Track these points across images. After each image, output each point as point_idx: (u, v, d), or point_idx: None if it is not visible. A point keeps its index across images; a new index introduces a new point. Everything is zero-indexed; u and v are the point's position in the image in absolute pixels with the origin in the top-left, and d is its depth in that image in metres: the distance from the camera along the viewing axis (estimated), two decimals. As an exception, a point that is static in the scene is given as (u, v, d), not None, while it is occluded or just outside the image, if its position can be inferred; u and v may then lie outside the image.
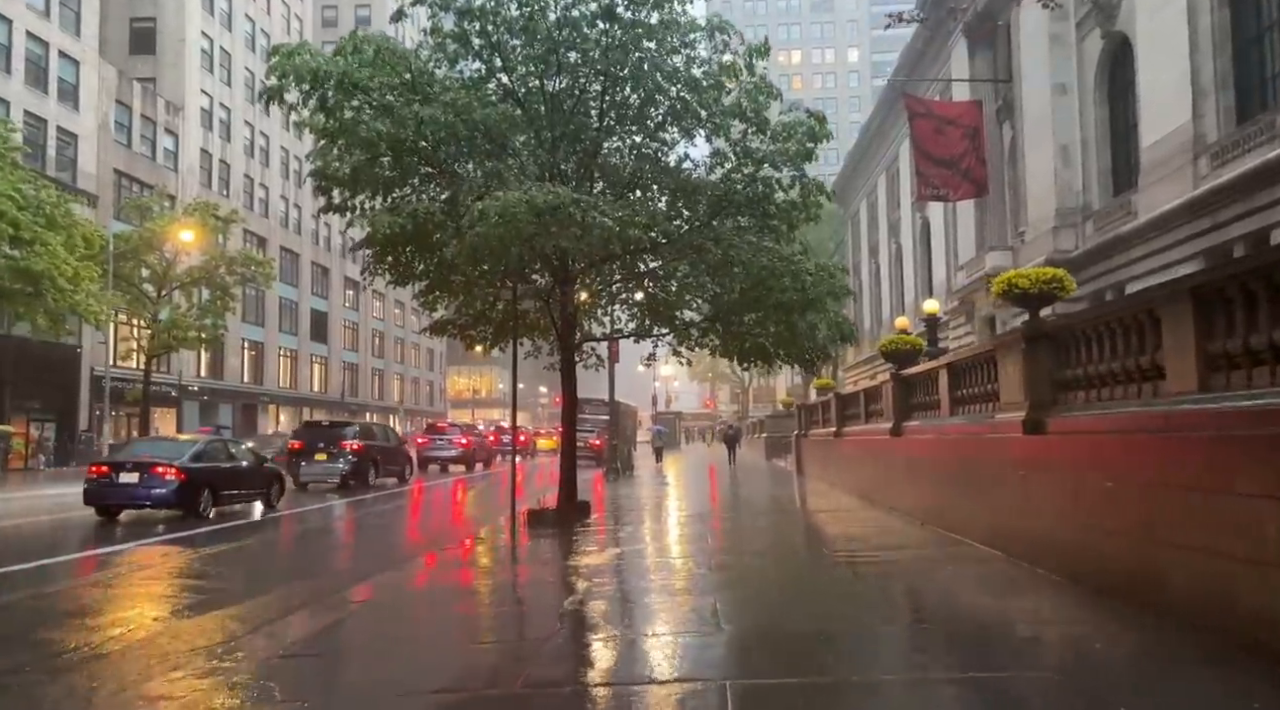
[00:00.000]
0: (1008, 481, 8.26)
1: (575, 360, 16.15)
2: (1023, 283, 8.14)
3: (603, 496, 19.00)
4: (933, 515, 10.83)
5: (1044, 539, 7.46)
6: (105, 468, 14.76)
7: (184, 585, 8.86)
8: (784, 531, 12.07)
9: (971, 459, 9.39)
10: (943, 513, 10.44)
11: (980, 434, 9.08)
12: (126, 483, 14.21)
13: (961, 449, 9.81)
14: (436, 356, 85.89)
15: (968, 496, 9.50)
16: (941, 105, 30.44)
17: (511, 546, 11.08)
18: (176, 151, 45.55)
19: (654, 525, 13.06)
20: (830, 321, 14.46)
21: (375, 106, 11.81)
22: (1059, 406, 7.65)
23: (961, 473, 9.70)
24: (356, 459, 21.73)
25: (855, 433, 16.71)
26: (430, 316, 16.90)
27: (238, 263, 32.77)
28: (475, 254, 10.87)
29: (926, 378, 11.98)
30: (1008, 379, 8.45)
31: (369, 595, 8.00)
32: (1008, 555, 8.16)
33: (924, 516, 11.26)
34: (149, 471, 14.23)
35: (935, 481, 10.83)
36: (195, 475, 14.63)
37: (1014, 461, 8.08)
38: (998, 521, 8.54)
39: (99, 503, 14.52)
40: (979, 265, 29.78)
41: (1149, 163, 20.57)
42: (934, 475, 10.93)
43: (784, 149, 13.06)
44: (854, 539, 10.72)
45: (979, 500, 9.10)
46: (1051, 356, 7.77)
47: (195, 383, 46.29)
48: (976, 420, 9.49)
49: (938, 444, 10.94)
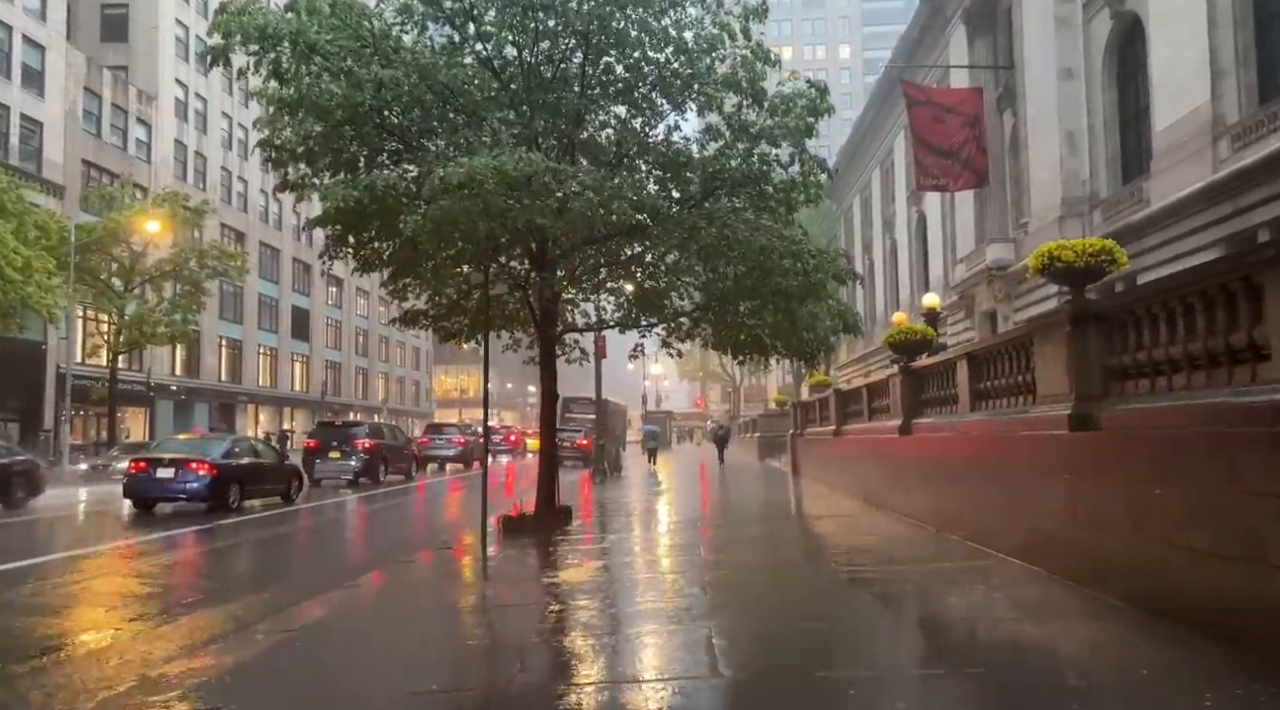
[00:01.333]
0: (1048, 487, 7.12)
1: (556, 353, 15.04)
2: (1066, 255, 7.00)
3: (588, 500, 17.81)
4: (950, 522, 9.70)
5: (1097, 555, 6.31)
6: (143, 463, 15.82)
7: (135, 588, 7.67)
8: (783, 541, 10.92)
9: (1000, 460, 8.25)
10: (962, 520, 9.30)
11: (1011, 432, 7.94)
12: (163, 478, 15.32)
13: (986, 449, 8.68)
14: (423, 355, 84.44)
15: (995, 503, 8.36)
16: (941, 92, 29.40)
17: (482, 559, 9.89)
18: (149, 142, 44.05)
19: (640, 533, 11.88)
20: (832, 310, 13.34)
21: (333, 71, 10.61)
22: (1112, 398, 6.52)
23: (986, 476, 8.56)
24: (368, 457, 23.05)
25: (857, 431, 15.57)
26: (400, 307, 15.66)
27: (209, 256, 31.36)
28: (439, 230, 9.66)
29: (941, 370, 10.84)
30: (1046, 368, 7.32)
31: (315, 614, 6.89)
32: (1049, 572, 7.02)
33: (939, 523, 10.12)
34: (184, 467, 15.31)
35: (953, 485, 9.69)
36: (225, 471, 15.68)
37: (1056, 463, 6.95)
38: (1036, 533, 7.39)
39: (137, 496, 15.52)
40: (979, 258, 28.75)
41: (1163, 147, 19.53)
42: (951, 478, 9.79)
43: (782, 123, 11.94)
44: (862, 550, 9.58)
45: (1010, 508, 7.96)
46: (1103, 340, 6.64)
47: (169, 381, 44.81)
48: (1005, 416, 8.35)
49: (956, 443, 9.80)
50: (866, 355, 45.92)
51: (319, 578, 8.94)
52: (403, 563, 9.73)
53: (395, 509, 18.10)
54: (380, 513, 17.53)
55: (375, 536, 14.59)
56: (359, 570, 9.06)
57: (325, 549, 13.03)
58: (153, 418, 43.13)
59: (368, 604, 7.56)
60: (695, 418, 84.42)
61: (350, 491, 21.20)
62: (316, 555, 12.30)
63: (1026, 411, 7.75)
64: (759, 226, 10.89)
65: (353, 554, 12.19)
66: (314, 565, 11.08)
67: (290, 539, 13.90)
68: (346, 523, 16.36)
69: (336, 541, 14.03)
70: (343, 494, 20.57)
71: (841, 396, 17.60)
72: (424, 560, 10.02)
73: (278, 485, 17.56)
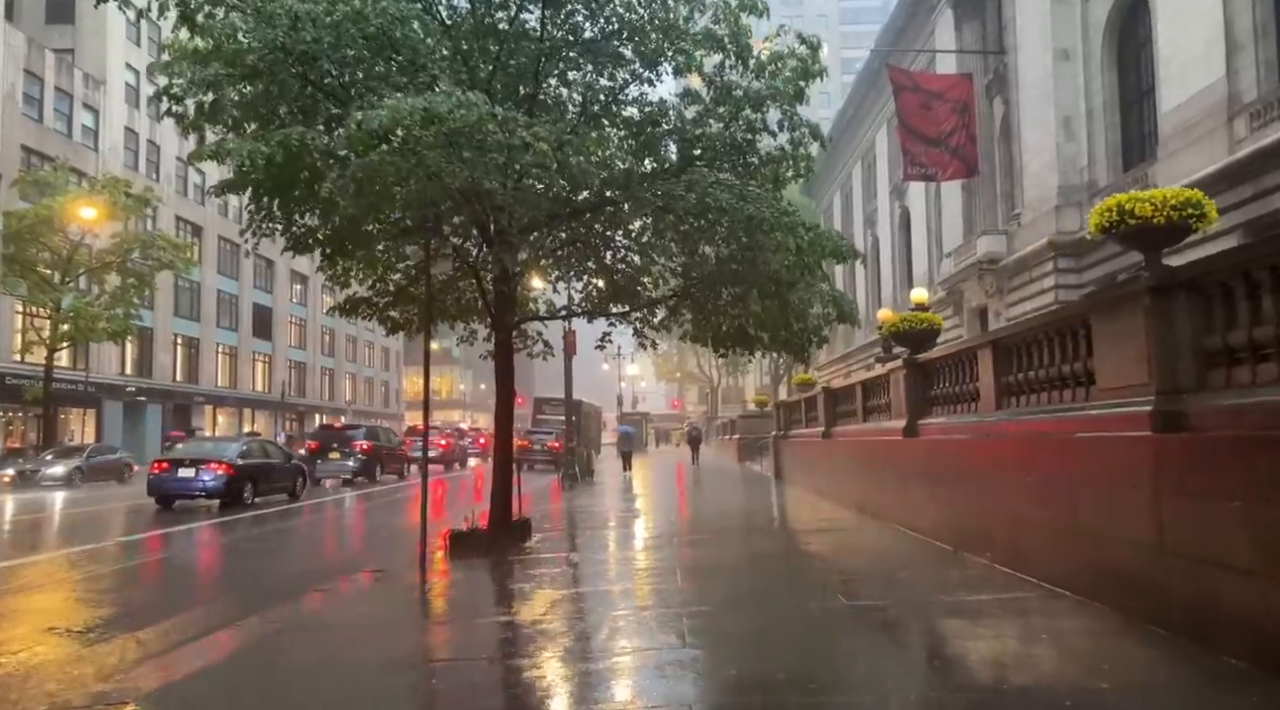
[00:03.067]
0: (1116, 502, 5.62)
1: (516, 346, 13.44)
2: (1142, 209, 5.52)
3: (554, 510, 16.18)
4: (972, 541, 8.20)
5: (1200, 597, 4.81)
6: (166, 464, 17.22)
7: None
8: (772, 562, 9.34)
9: (1042, 468, 6.76)
10: (989, 539, 7.81)
11: (1063, 433, 6.44)
12: (185, 477, 16.59)
13: (1022, 454, 7.18)
14: (393, 355, 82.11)
15: (1035, 521, 6.86)
16: (928, 78, 28.09)
17: (420, 587, 8.25)
18: (97, 129, 41.70)
19: (608, 554, 10.27)
20: (825, 296, 11.85)
21: (242, 9, 8.94)
22: (1210, 391, 5.04)
23: (1023, 487, 7.07)
24: (365, 458, 25.08)
25: (851, 433, 14.08)
26: (337, 294, 13.94)
27: (153, 246, 29.25)
28: (361, 191, 8.01)
29: (956, 362, 9.35)
30: (1113, 354, 5.82)
31: (177, 670, 5.19)
32: (1121, 613, 5.52)
33: (957, 541, 8.63)
34: (203, 467, 16.60)
35: (975, 497, 8.20)
36: (241, 470, 17.01)
37: (1129, 473, 5.46)
38: (1098, 561, 5.90)
39: (160, 493, 16.80)
40: (969, 252, 27.48)
41: (1171, 129, 18.29)
42: (973, 488, 8.30)
43: (771, 86, 10.42)
44: (869, 576, 8.06)
45: (1059, 527, 6.46)
46: (1196, 317, 5.16)
47: (119, 381, 42.48)
48: (1048, 414, 6.86)
49: (978, 447, 8.31)
50: (848, 355, 44.65)
51: (232, 604, 7.30)
52: (324, 591, 8.05)
53: (379, 511, 18.21)
54: (364, 514, 17.98)
55: (337, 545, 13.06)
56: (283, 594, 7.42)
57: (266, 565, 11.20)
58: (100, 420, 40.82)
59: (251, 662, 5.89)
60: (672, 419, 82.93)
61: (350, 489, 23.24)
62: (255, 571, 10.50)
63: (1082, 408, 6.25)
64: (746, 193, 9.32)
65: (292, 569, 10.43)
66: (238, 587, 9.35)
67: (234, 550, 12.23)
68: (318, 526, 16.00)
69: (286, 552, 12.24)
70: (339, 492, 22.31)
71: (831, 395, 16.11)
72: (355, 585, 8.36)
73: (286, 483, 18.98)
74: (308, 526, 15.82)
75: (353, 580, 8.69)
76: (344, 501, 20.37)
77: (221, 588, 9.51)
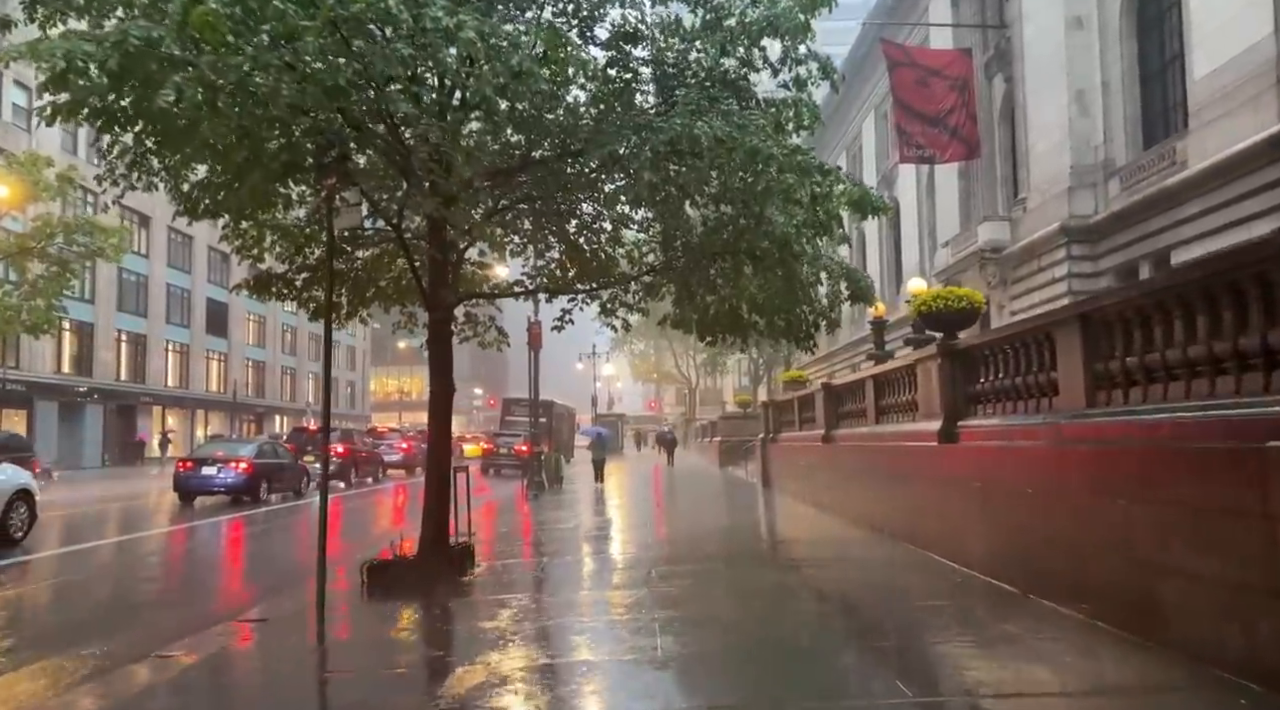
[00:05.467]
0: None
1: (463, 334, 11.23)
2: None
3: (511, 526, 13.90)
4: (1050, 584, 6.10)
5: None
6: (191, 463, 18.58)
7: None
8: (787, 612, 7.10)
9: (1201, 494, 4.63)
10: (1082, 586, 5.69)
11: (1240, 441, 4.30)
12: (208, 474, 17.90)
13: (1150, 470, 5.05)
14: (359, 355, 79.13)
15: (1193, 573, 4.73)
16: (925, 53, 26.17)
17: (318, 647, 5.98)
18: (28, 108, 38.69)
19: (566, 596, 7.99)
20: (835, 269, 9.72)
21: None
22: None
23: (1156, 519, 4.94)
24: (340, 462, 24.19)
25: (860, 436, 11.95)
26: (252, 270, 11.56)
27: (78, 231, 26.51)
28: (208, 98, 5.69)
29: (1021, 344, 7.21)
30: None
31: None
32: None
33: (1024, 580, 6.52)
34: (225, 465, 17.89)
35: (1053, 522, 6.08)
36: (258, 469, 18.28)
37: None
38: None
39: (185, 489, 18.03)
40: (969, 241, 25.56)
41: (1206, 97, 16.38)
42: (1050, 513, 6.18)
43: (769, 15, 8.25)
44: (923, 628, 5.90)
45: (1236, 587, 4.32)
46: None
47: (54, 380, 39.47)
48: (1200, 415, 4.72)
49: (1061, 459, 6.18)
50: (831, 355, 42.67)
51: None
52: (166, 657, 5.72)
53: (351, 514, 17.61)
54: (268, 533, 15.84)
55: (224, 577, 10.50)
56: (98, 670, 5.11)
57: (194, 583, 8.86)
58: (31, 421, 37.78)
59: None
60: (649, 421, 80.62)
61: (337, 490, 22.45)
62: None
63: (1272, 407, 4.12)
64: (748, 123, 7.10)
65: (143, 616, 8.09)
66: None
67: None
68: (209, 548, 13.55)
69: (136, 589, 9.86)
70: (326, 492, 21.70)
71: (833, 393, 13.99)
72: (217, 644, 6.03)
73: (293, 481, 20.10)
74: (203, 547, 13.28)
75: (217, 636, 6.37)
76: (258, 518, 16.66)
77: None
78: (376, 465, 27.91)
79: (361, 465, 26.51)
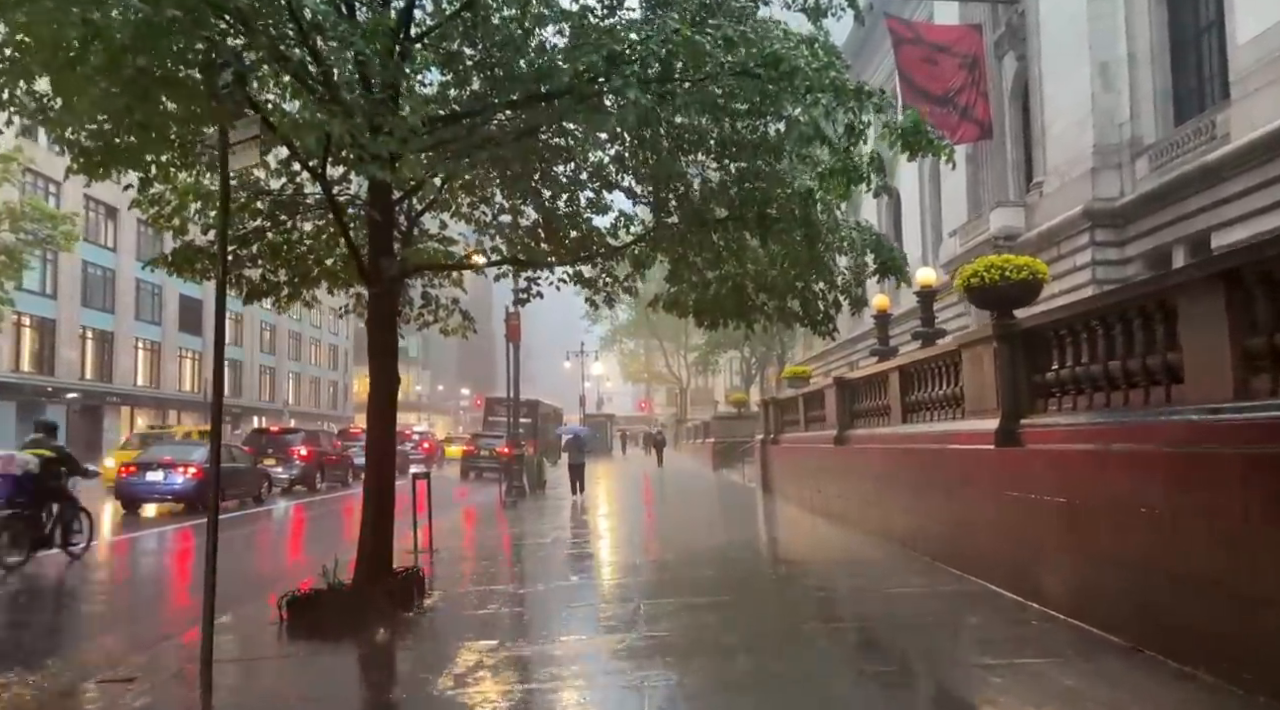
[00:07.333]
0: None
1: (421, 317, 9.59)
2: None
3: (479, 542, 12.20)
4: (1192, 644, 4.49)
5: None
6: (134, 467, 16.75)
7: None
8: (818, 665, 5.44)
9: None
10: (1236, 641, 4.07)
11: None
12: (153, 480, 16.38)
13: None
14: (341, 354, 77.04)
15: None
16: (932, 29, 24.68)
17: None
18: (-15, 91, 36.67)
19: (536, 640, 6.28)
20: (858, 241, 8.10)
21: None
22: None
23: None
24: (304, 466, 23.04)
25: (883, 438, 10.31)
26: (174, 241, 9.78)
27: (26, 218, 24.55)
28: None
29: (1120, 318, 5.58)
30: None
31: None
32: None
33: (1143, 632, 4.91)
34: (173, 469, 16.40)
35: (1215, 559, 4.46)
36: (210, 474, 13.57)
37: None
38: None
39: (128, 497, 16.39)
40: (980, 228, 23.99)
41: (1251, 63, 14.87)
42: (1200, 543, 4.57)
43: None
44: (1005, 700, 4.27)
45: None
46: None
47: (11, 378, 37.47)
48: None
49: (1218, 468, 4.55)
50: (826, 353, 41.05)
51: None
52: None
53: (312, 522, 16.89)
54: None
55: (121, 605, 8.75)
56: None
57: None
58: (-14, 421, 35.79)
59: None
60: (640, 422, 78.89)
61: (291, 498, 21.23)
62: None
63: None
64: (763, 27, 5.42)
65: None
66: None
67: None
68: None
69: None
70: (290, 498, 21.02)
71: (846, 388, 12.36)
72: None
73: (251, 487, 18.75)
74: (122, 568, 11.42)
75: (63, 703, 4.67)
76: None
77: None
78: (346, 469, 25.95)
79: (329, 469, 24.71)
